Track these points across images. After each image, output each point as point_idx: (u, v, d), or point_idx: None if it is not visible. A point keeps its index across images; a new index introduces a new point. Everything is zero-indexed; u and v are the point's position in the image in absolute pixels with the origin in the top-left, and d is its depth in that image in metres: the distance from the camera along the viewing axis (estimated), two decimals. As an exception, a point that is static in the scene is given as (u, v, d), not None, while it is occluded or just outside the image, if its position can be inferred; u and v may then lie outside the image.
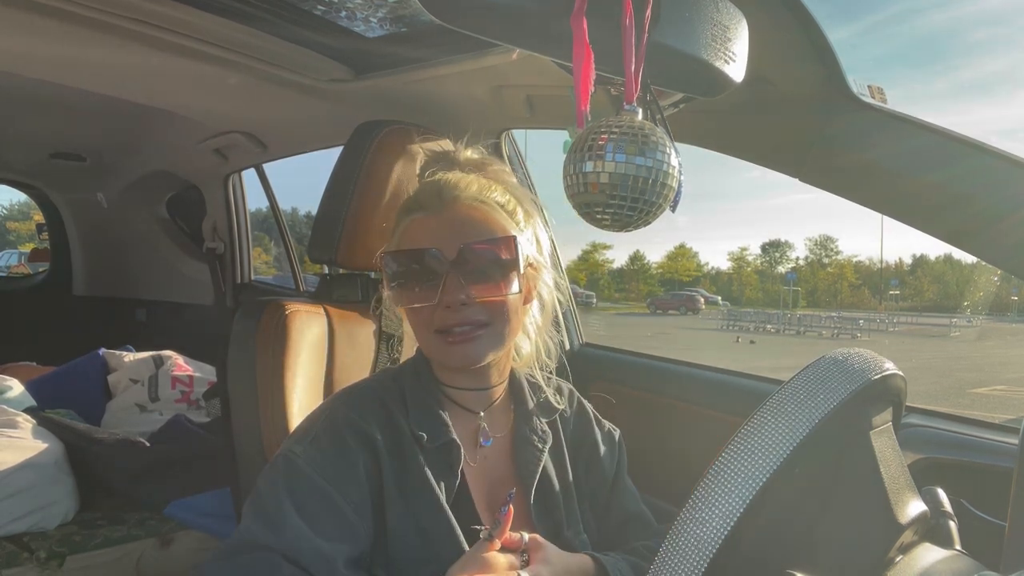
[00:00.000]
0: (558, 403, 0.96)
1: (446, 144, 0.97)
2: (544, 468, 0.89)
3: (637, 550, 0.90)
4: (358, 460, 0.78)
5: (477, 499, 0.85)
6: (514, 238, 0.83)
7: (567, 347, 0.99)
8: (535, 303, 0.93)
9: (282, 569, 0.69)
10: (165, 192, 3.17)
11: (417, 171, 1.00)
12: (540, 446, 0.90)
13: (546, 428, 0.92)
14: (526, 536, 0.60)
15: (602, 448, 0.97)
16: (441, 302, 0.81)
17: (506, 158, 1.66)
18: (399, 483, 0.79)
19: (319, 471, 0.76)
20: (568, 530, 0.87)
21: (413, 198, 0.89)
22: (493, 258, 0.82)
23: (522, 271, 0.84)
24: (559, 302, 0.97)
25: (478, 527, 0.75)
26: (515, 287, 0.83)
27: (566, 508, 0.89)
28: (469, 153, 0.93)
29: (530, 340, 0.95)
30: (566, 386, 1.01)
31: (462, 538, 0.78)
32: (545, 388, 0.96)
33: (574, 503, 0.91)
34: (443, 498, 0.80)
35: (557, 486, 0.90)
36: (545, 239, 0.93)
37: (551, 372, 0.98)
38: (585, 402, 1.01)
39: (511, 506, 0.68)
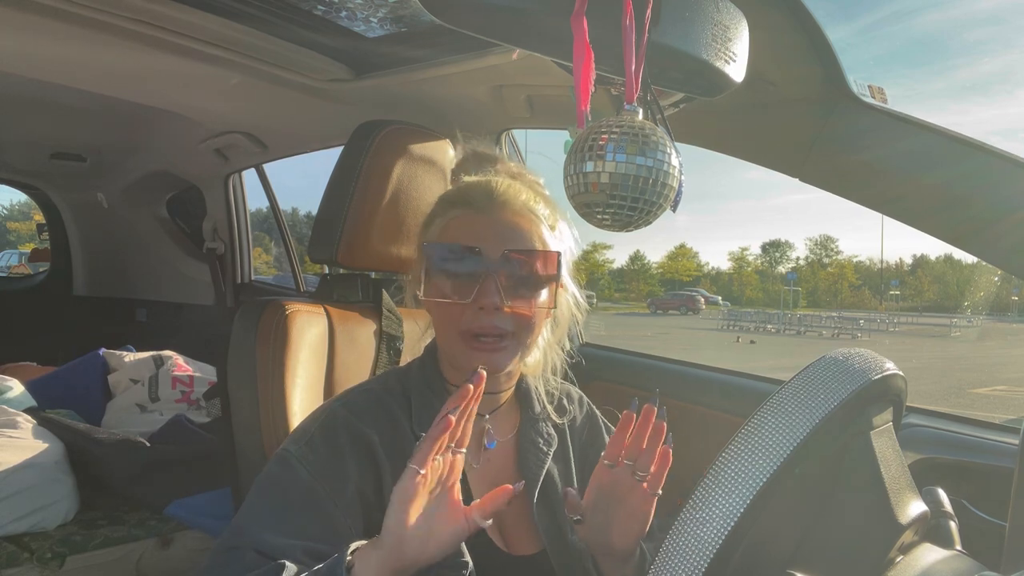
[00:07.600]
0: (568, 407, 0.95)
1: (488, 147, 0.97)
2: (548, 471, 0.89)
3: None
4: (352, 461, 0.78)
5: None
6: (558, 254, 0.83)
7: (566, 347, 0.98)
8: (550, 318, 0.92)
9: (249, 558, 0.69)
10: (165, 192, 3.16)
11: (452, 167, 1.00)
12: (545, 449, 0.90)
13: (552, 432, 0.92)
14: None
15: None
16: (475, 303, 0.80)
17: (506, 158, 1.67)
18: None
19: (309, 468, 0.76)
20: (572, 534, 0.87)
21: (460, 193, 0.87)
22: (533, 269, 0.82)
23: (556, 288, 0.84)
24: (576, 320, 0.96)
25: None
26: (547, 301, 0.83)
27: None
28: (508, 161, 0.94)
29: (539, 350, 0.94)
30: (576, 392, 1.01)
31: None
32: (556, 393, 0.95)
33: None
34: None
35: (561, 490, 0.89)
36: (571, 255, 0.92)
37: (554, 388, 0.97)
38: (596, 409, 1.01)
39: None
